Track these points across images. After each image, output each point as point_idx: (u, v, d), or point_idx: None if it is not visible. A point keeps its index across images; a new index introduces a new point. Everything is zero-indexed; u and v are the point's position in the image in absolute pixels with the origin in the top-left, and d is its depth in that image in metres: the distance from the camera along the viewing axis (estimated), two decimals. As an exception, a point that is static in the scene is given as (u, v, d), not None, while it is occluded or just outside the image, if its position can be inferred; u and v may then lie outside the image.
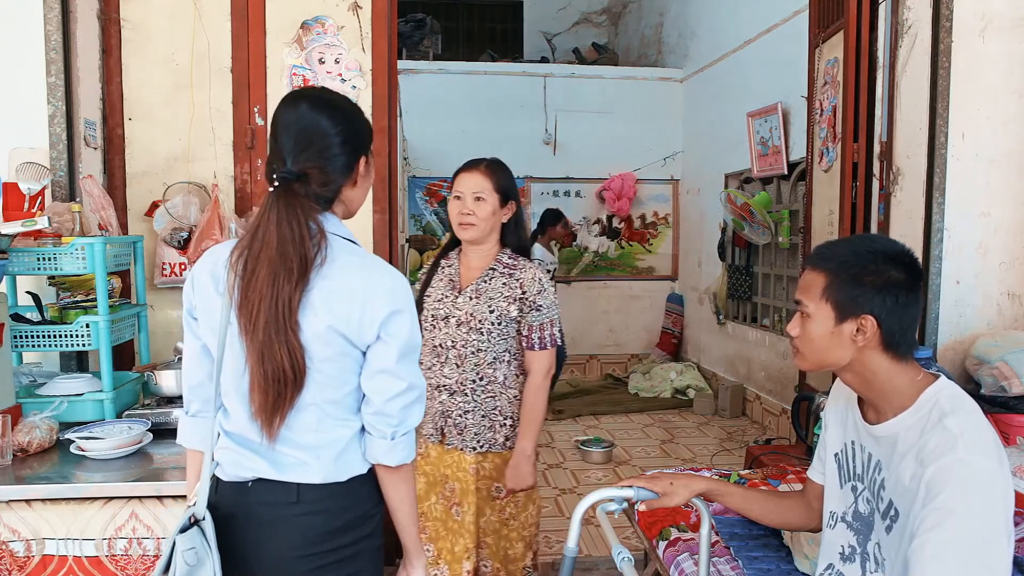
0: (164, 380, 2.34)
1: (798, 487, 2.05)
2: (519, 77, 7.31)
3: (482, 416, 2.19)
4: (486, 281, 2.20)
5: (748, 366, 6.07)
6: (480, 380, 2.18)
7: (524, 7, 9.29)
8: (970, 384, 2.65)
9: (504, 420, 2.21)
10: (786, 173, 5.37)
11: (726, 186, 6.27)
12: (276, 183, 1.35)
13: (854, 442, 1.46)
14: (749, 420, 5.94)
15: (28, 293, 2.41)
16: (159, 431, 2.21)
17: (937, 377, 1.36)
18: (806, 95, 3.75)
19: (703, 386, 6.58)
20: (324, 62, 2.96)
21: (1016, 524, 1.68)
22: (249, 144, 2.95)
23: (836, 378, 1.51)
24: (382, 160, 2.96)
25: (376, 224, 3.00)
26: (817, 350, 1.38)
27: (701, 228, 6.99)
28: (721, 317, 6.49)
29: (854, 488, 1.44)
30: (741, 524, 1.94)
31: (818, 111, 3.59)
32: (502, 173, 2.22)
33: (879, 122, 3.02)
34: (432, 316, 2.23)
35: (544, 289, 2.19)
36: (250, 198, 2.96)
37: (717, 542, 1.90)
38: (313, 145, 1.37)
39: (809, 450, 2.82)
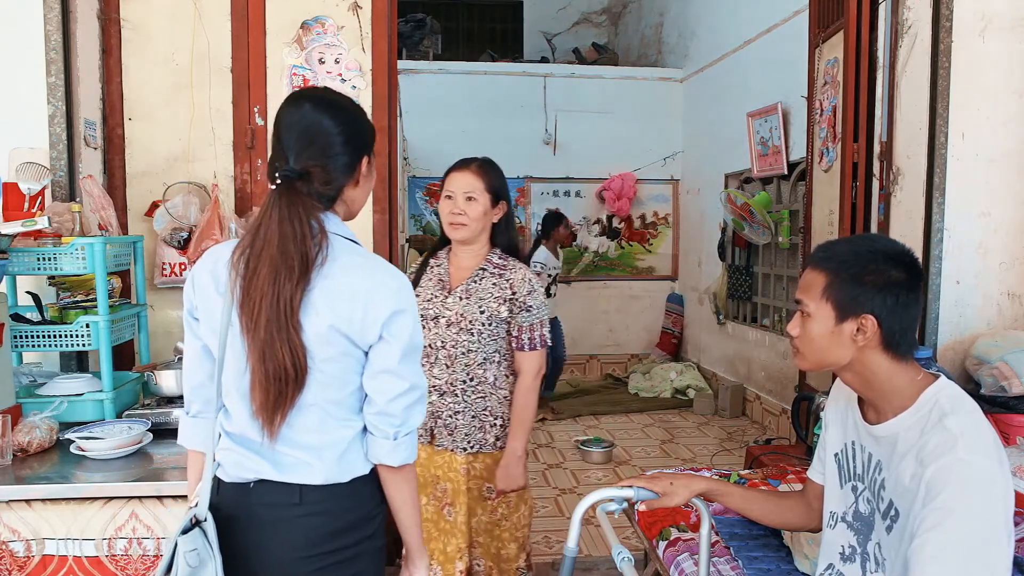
0: (164, 380, 2.34)
1: (798, 487, 2.05)
2: (519, 77, 7.32)
3: (472, 417, 2.18)
4: (476, 281, 2.19)
5: (748, 366, 6.07)
6: (470, 381, 2.17)
7: (524, 7, 9.29)
8: (970, 384, 2.65)
9: (494, 421, 2.20)
10: (786, 173, 5.37)
11: (726, 186, 6.27)
12: (278, 181, 1.36)
13: (854, 442, 1.46)
14: (749, 420, 5.94)
15: (28, 293, 2.41)
16: (159, 431, 2.21)
17: (937, 377, 1.36)
18: (806, 95, 3.75)
19: (703, 386, 6.58)
20: (324, 62, 2.96)
21: (1016, 524, 1.68)
22: (249, 144, 2.95)
23: (836, 378, 1.51)
24: (382, 160, 2.96)
25: (376, 224, 3.00)
26: (817, 350, 1.38)
27: (701, 228, 6.99)
28: (721, 317, 6.49)
29: (854, 488, 1.44)
30: (741, 524, 1.94)
31: (818, 111, 3.59)
32: (493, 173, 2.21)
33: (879, 122, 3.02)
34: (421, 316, 2.22)
35: (534, 290, 2.19)
36: (250, 198, 2.96)
37: (717, 542, 1.90)
38: (315, 144, 1.38)
39: (809, 450, 2.82)
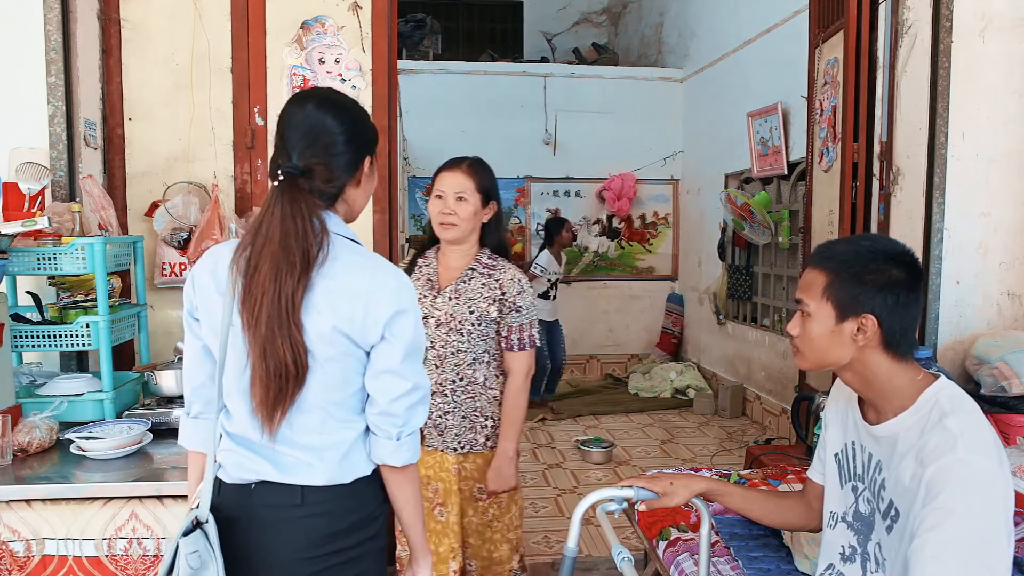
0: (164, 380, 2.34)
1: (798, 487, 2.05)
2: (519, 77, 7.32)
3: (462, 417, 2.17)
4: (465, 281, 2.18)
5: (748, 366, 6.07)
6: (460, 381, 2.17)
7: (524, 7, 9.29)
8: (970, 384, 2.65)
9: (485, 421, 2.19)
10: (786, 173, 5.37)
11: (726, 186, 6.27)
12: (280, 178, 1.36)
13: (854, 442, 1.45)
14: (749, 420, 5.93)
15: (28, 293, 2.41)
16: (159, 431, 2.21)
17: (937, 377, 1.36)
18: (806, 95, 3.75)
19: (703, 386, 6.58)
20: (324, 62, 2.96)
21: (1016, 524, 1.68)
22: (249, 144, 2.95)
23: (836, 378, 1.51)
24: (382, 160, 2.95)
25: (376, 224, 3.00)
26: (817, 349, 1.38)
27: (701, 228, 6.99)
28: (721, 317, 6.49)
29: (854, 488, 1.44)
30: (741, 524, 1.94)
31: (818, 111, 3.59)
32: (484, 173, 2.20)
33: (879, 122, 3.02)
34: None
35: (524, 290, 2.19)
36: (250, 198, 2.96)
37: (717, 542, 1.90)
38: (319, 142, 1.38)
39: (809, 450, 2.82)
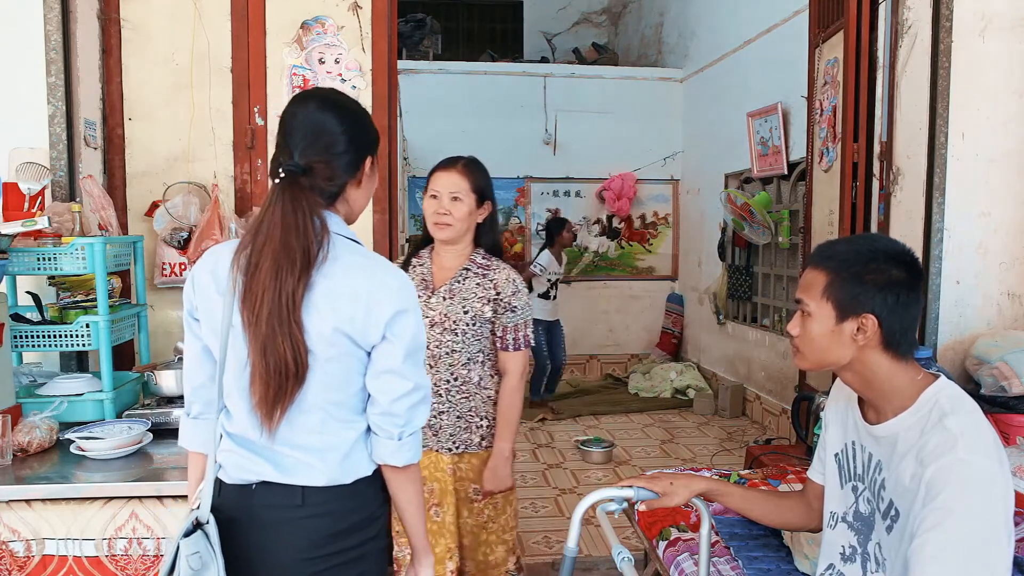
0: (164, 380, 2.34)
1: (798, 487, 2.05)
2: (519, 77, 7.31)
3: (457, 417, 2.17)
4: (460, 281, 2.18)
5: (748, 366, 6.07)
6: (454, 381, 2.16)
7: (524, 7, 9.29)
8: (970, 384, 2.65)
9: (480, 421, 2.19)
10: (786, 173, 5.37)
11: (726, 186, 6.27)
12: (282, 175, 1.36)
13: (854, 442, 1.45)
14: (749, 420, 5.93)
15: (28, 293, 2.41)
16: (159, 431, 2.21)
17: (937, 377, 1.36)
18: (806, 95, 3.75)
19: (703, 386, 6.58)
20: (324, 62, 2.96)
21: (1016, 524, 1.68)
22: (249, 144, 2.95)
23: (836, 378, 1.51)
24: (382, 160, 2.95)
25: (376, 224, 3.00)
26: (817, 349, 1.38)
27: (701, 228, 6.99)
28: (721, 317, 6.49)
29: (855, 488, 1.44)
30: (741, 524, 1.93)
31: (818, 111, 3.59)
32: (479, 173, 2.19)
33: (879, 122, 3.02)
34: None
35: (519, 290, 2.18)
36: (250, 198, 2.96)
37: (717, 542, 1.90)
38: (320, 141, 1.39)
39: (809, 450, 2.82)
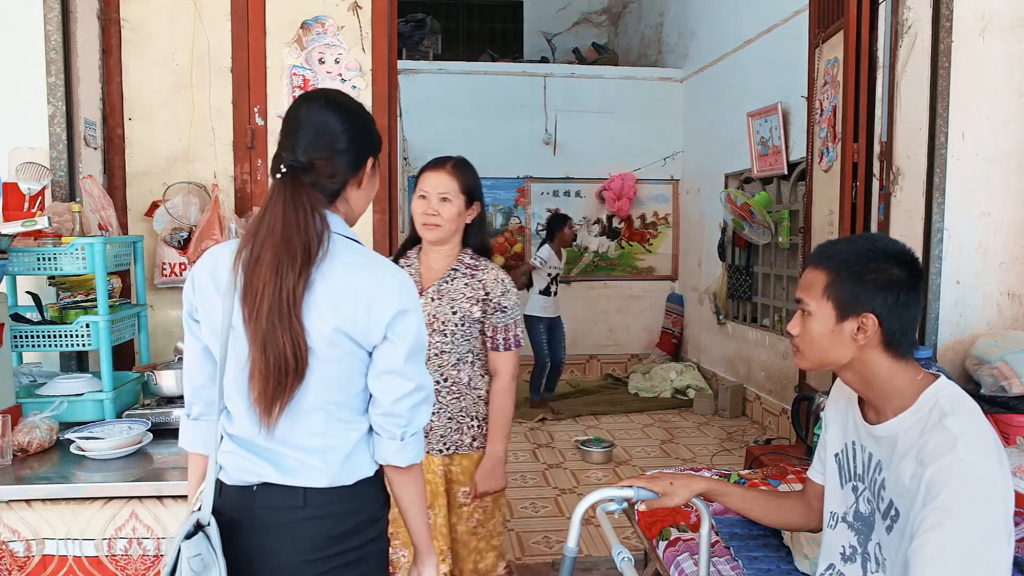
0: (164, 380, 2.34)
1: (798, 487, 2.05)
2: (519, 77, 7.31)
3: (448, 418, 2.16)
4: (448, 282, 2.17)
5: (748, 366, 6.07)
6: (444, 382, 2.16)
7: (524, 7, 9.29)
8: (970, 384, 2.65)
9: (471, 422, 2.18)
10: (786, 173, 5.37)
11: (726, 186, 6.27)
12: (283, 171, 1.36)
13: (854, 442, 1.45)
14: (749, 420, 5.93)
15: (28, 293, 2.41)
16: (159, 431, 2.21)
17: (937, 377, 1.36)
18: (806, 95, 3.75)
19: (703, 386, 6.58)
20: (324, 62, 2.96)
21: (1016, 524, 1.68)
22: (249, 144, 2.95)
23: (836, 378, 1.51)
24: (382, 160, 2.93)
25: (376, 224, 3.00)
26: (818, 348, 1.38)
27: (701, 228, 6.99)
28: (721, 317, 6.49)
29: (855, 488, 1.44)
30: (741, 524, 1.93)
31: (818, 111, 3.59)
32: (468, 173, 2.18)
33: (879, 122, 3.02)
34: None
35: (508, 290, 2.18)
36: (250, 198, 2.96)
37: (717, 542, 1.90)
38: (322, 138, 1.39)
39: (809, 450, 2.82)
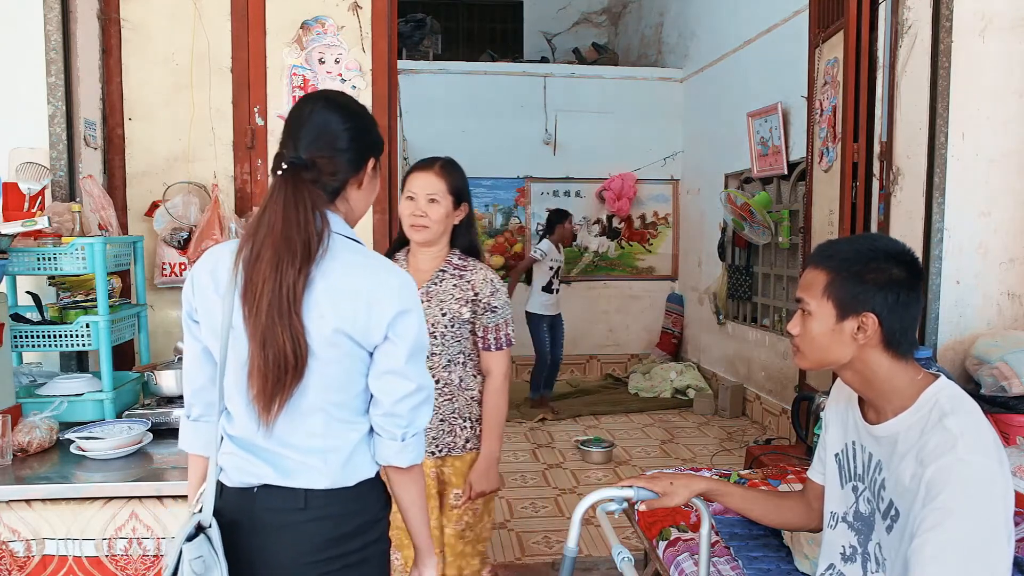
0: (164, 380, 2.34)
1: (798, 487, 2.05)
2: (519, 77, 7.31)
3: (440, 420, 2.15)
4: (436, 283, 2.16)
5: (748, 366, 6.07)
6: (435, 383, 2.14)
7: (524, 7, 9.29)
8: (970, 384, 2.65)
9: (463, 423, 2.17)
10: (786, 173, 5.37)
11: (726, 186, 6.27)
12: (284, 167, 1.35)
13: (854, 442, 1.45)
14: (749, 420, 5.93)
15: (28, 293, 2.41)
16: (159, 431, 2.21)
17: (937, 377, 1.36)
18: (806, 95, 3.75)
19: (703, 386, 6.58)
20: (324, 62, 2.96)
21: (1016, 524, 1.68)
22: (249, 144, 2.95)
23: (836, 378, 1.51)
24: (382, 160, 2.95)
25: (376, 224, 3.00)
26: (818, 348, 1.38)
27: (701, 228, 6.99)
28: (721, 317, 6.49)
29: (855, 488, 1.44)
30: (741, 524, 1.93)
31: (818, 111, 3.59)
32: (456, 174, 2.18)
33: (879, 122, 3.02)
34: None
35: (497, 290, 2.17)
36: (250, 198, 2.96)
37: (717, 542, 1.90)
38: (324, 137, 1.39)
39: (809, 450, 2.82)
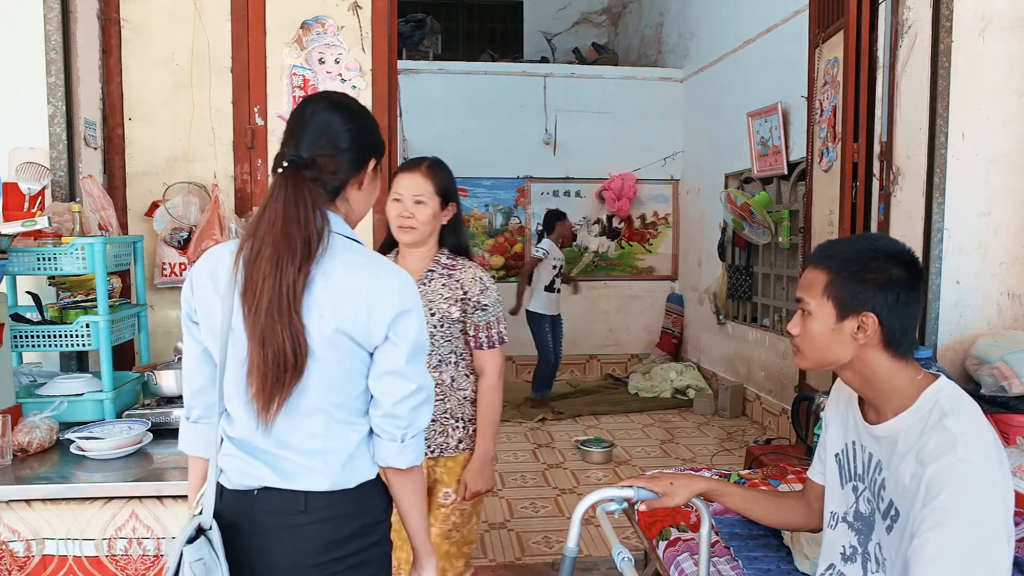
0: (164, 380, 2.34)
1: (798, 487, 2.05)
2: (519, 77, 7.31)
3: (432, 421, 2.13)
4: (425, 283, 2.16)
5: (748, 366, 6.07)
6: None
7: (524, 7, 9.29)
8: (970, 384, 2.65)
9: (456, 423, 2.16)
10: (786, 173, 5.37)
11: (726, 186, 6.27)
12: (284, 165, 1.35)
13: (855, 442, 1.45)
14: (749, 420, 5.93)
15: (28, 293, 2.41)
16: (159, 431, 2.21)
17: (937, 377, 1.36)
18: (806, 95, 3.75)
19: (703, 386, 6.58)
20: (324, 62, 2.96)
21: (1016, 524, 1.68)
22: (249, 144, 2.95)
23: (836, 378, 1.51)
24: (383, 161, 2.96)
25: (376, 224, 3.00)
26: (818, 348, 1.38)
27: (701, 228, 6.99)
28: (721, 317, 6.49)
29: (855, 488, 1.44)
30: (741, 524, 1.93)
31: (818, 111, 3.59)
32: (443, 174, 2.17)
33: (879, 122, 3.02)
34: None
35: (487, 288, 2.16)
36: (250, 198, 2.96)
37: (717, 542, 1.90)
38: (325, 136, 1.40)
39: (809, 450, 2.82)
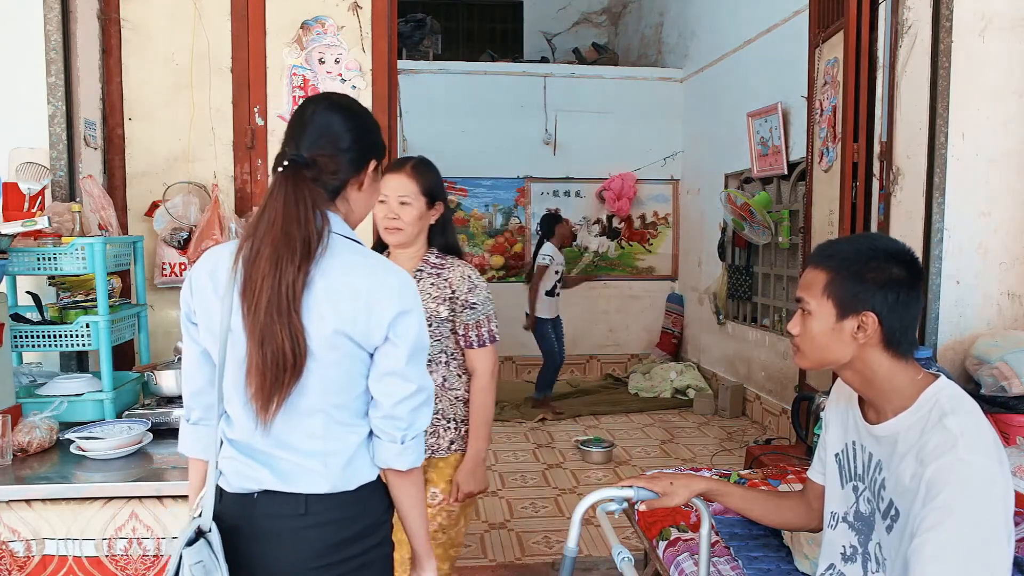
0: (164, 380, 2.34)
1: (798, 487, 2.05)
2: (519, 77, 7.31)
3: None
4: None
5: (748, 366, 6.07)
6: None
7: (524, 7, 9.29)
8: (970, 384, 2.65)
9: (447, 424, 2.14)
10: (786, 173, 5.37)
11: (726, 186, 6.27)
12: (285, 164, 1.35)
13: (855, 442, 1.45)
14: (749, 420, 5.93)
15: (28, 293, 2.41)
16: (159, 431, 2.21)
17: (937, 377, 1.36)
18: (806, 95, 3.75)
19: (703, 386, 6.58)
20: (324, 62, 2.96)
21: (1016, 524, 1.68)
22: (249, 144, 2.95)
23: (836, 378, 1.51)
24: (384, 162, 2.96)
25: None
26: (818, 347, 1.38)
27: (701, 228, 6.99)
28: (721, 317, 6.49)
29: (855, 488, 1.44)
30: (741, 524, 1.93)
31: (818, 111, 3.59)
32: (429, 174, 2.15)
33: (879, 122, 3.02)
34: None
35: (475, 286, 2.14)
36: (250, 198, 2.96)
37: (717, 542, 1.90)
38: (326, 136, 1.40)
39: (809, 450, 2.82)
